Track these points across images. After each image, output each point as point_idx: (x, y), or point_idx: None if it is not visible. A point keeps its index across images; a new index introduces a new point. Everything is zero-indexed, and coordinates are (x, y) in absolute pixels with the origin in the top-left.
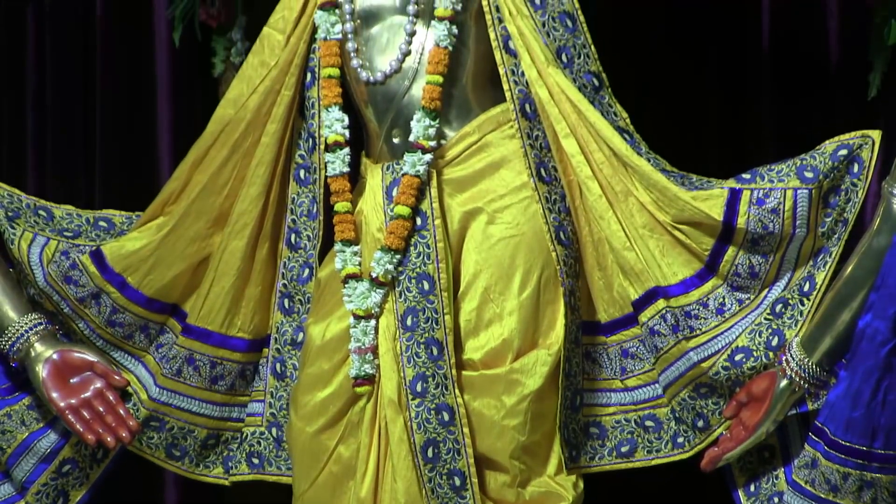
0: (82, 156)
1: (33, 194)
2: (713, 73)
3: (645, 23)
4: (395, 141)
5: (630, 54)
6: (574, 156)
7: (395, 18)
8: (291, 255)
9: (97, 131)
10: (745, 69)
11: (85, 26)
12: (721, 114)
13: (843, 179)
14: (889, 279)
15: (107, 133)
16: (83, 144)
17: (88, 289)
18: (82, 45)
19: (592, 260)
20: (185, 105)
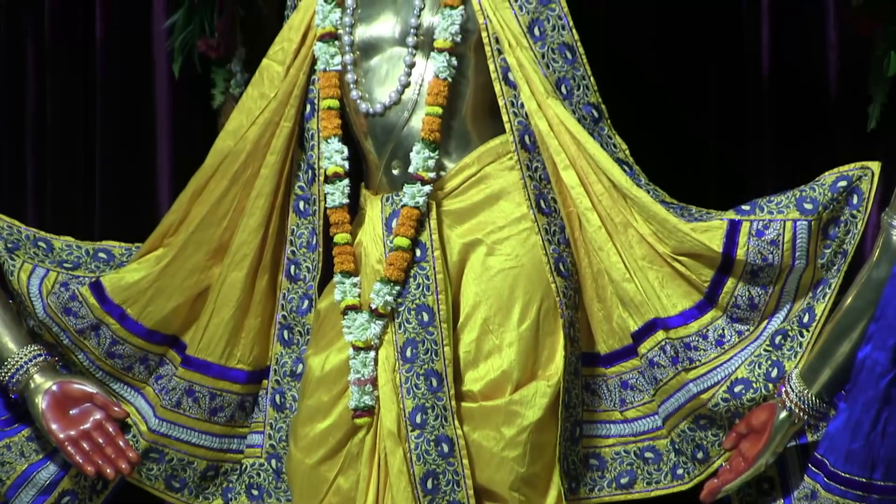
0: (82, 187)
1: (33, 225)
2: (713, 104)
3: (644, 54)
4: (394, 172)
5: (629, 85)
6: (573, 187)
7: (394, 50)
8: (291, 286)
9: (97, 162)
10: (744, 100)
11: (85, 58)
12: (721, 145)
13: (842, 211)
14: (888, 310)
15: (107, 164)
16: (83, 175)
17: (88, 320)
18: (82, 76)
19: (592, 291)
20: (185, 136)
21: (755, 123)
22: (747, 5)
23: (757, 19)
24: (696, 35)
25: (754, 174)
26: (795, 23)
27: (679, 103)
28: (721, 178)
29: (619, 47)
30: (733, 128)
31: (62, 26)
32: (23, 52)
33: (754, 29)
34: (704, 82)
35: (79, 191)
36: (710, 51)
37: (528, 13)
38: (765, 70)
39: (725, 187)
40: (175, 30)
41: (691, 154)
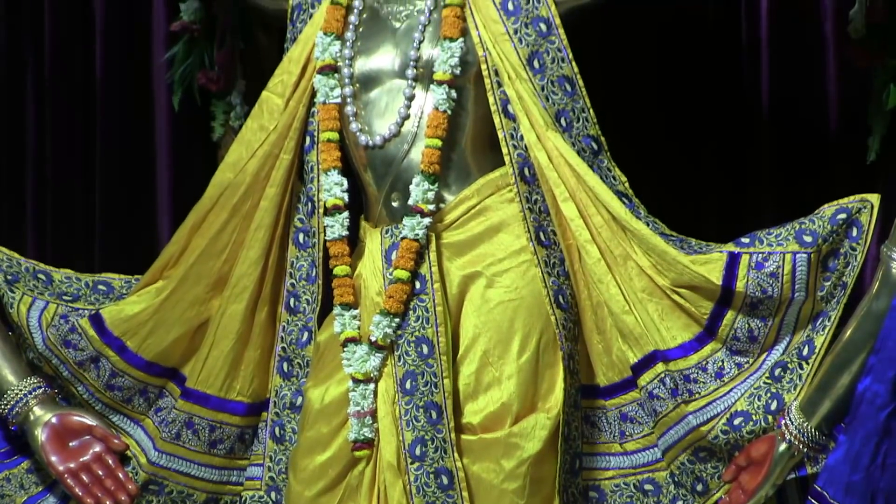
0: (82, 218)
1: (32, 258)
2: (712, 136)
3: (644, 86)
4: (394, 205)
5: (629, 118)
6: (573, 220)
7: (394, 82)
8: (290, 318)
9: (97, 194)
10: (744, 132)
11: (84, 90)
12: (720, 177)
13: (842, 243)
14: (888, 342)
15: (106, 196)
16: (83, 207)
17: (87, 352)
18: (82, 109)
19: (591, 324)
20: (185, 169)
21: (755, 156)
22: (747, 38)
23: (757, 52)
24: (696, 67)
25: (754, 206)
26: (795, 55)
27: (679, 135)
28: (720, 210)
29: (619, 79)
30: (733, 160)
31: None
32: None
33: (754, 61)
34: (704, 114)
35: (79, 223)
36: (709, 83)
37: (527, 46)
38: (764, 102)
39: (725, 219)
40: (175, 62)
41: (691, 186)
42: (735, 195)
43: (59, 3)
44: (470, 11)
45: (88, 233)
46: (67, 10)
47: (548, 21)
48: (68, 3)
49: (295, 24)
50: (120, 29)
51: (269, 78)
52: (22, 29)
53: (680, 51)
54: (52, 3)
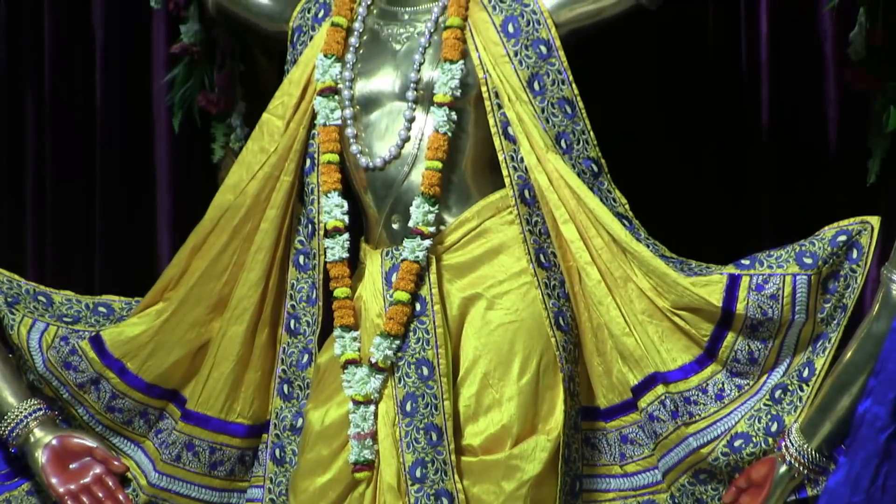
0: (82, 240)
1: (32, 279)
2: (713, 159)
3: (644, 108)
4: (394, 227)
5: (629, 140)
6: (573, 241)
7: (394, 104)
8: (291, 340)
9: (96, 216)
10: (744, 155)
11: (85, 113)
12: (720, 200)
13: (842, 265)
14: (888, 364)
15: (106, 218)
16: (83, 229)
17: (88, 374)
18: (82, 131)
19: (591, 346)
20: (185, 191)
21: (755, 178)
22: (747, 61)
23: (756, 75)
24: (696, 90)
25: (754, 228)
26: (795, 78)
27: (679, 158)
28: (721, 232)
29: (620, 102)
30: (733, 182)
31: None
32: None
33: (754, 84)
34: (704, 137)
35: (79, 244)
36: (709, 106)
37: (527, 68)
38: (764, 124)
39: (725, 242)
40: (175, 84)
41: (691, 208)
42: (735, 217)
43: (58, 26)
44: (470, 33)
45: (89, 254)
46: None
47: (548, 43)
48: (68, 26)
49: (295, 47)
50: (120, 51)
51: (269, 100)
52: (22, 52)
53: (680, 73)
54: (52, 26)
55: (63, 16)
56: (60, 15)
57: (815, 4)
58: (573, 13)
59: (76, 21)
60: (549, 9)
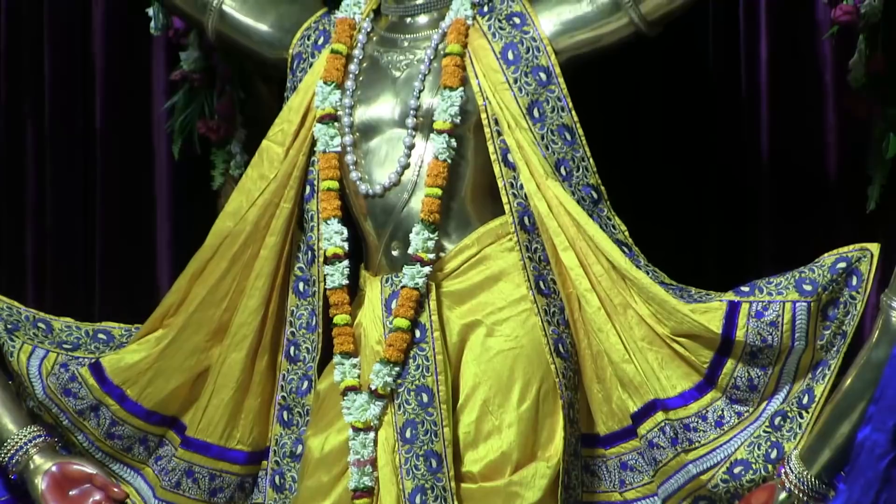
0: (82, 267)
1: (32, 306)
2: (712, 186)
3: (644, 136)
4: (394, 253)
5: (629, 167)
6: (573, 268)
7: (393, 131)
8: (290, 367)
9: (97, 243)
10: (744, 182)
11: (85, 139)
12: (720, 226)
13: (841, 292)
14: (888, 391)
15: (106, 245)
16: (83, 256)
17: (87, 401)
18: (82, 157)
19: (591, 372)
20: (185, 217)
21: (754, 205)
22: (747, 87)
23: (756, 101)
24: (696, 117)
25: (753, 256)
26: (794, 105)
27: (678, 184)
28: (721, 259)
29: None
30: (733, 209)
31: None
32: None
33: (754, 111)
34: (704, 164)
35: (79, 271)
36: (709, 132)
37: (527, 95)
38: (764, 152)
39: (725, 269)
40: (175, 111)
41: (691, 236)
42: (735, 244)
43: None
44: (470, 60)
45: (88, 281)
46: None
47: (548, 70)
48: (68, 54)
49: (295, 73)
50: (120, 78)
51: (269, 127)
52: (22, 78)
53: (680, 101)
54: (52, 54)
55: (63, 42)
56: (60, 42)
57: (815, 31)
58: (573, 40)
59: (76, 48)
60: (549, 36)
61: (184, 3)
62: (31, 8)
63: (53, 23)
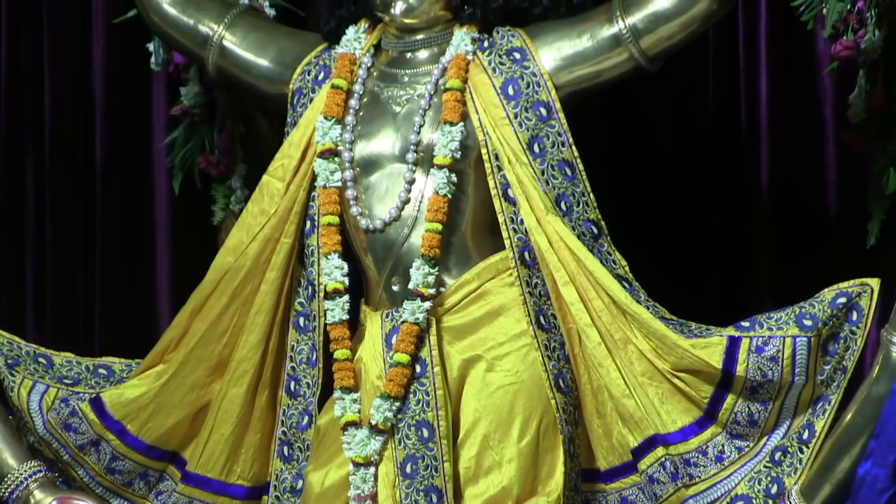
0: (82, 302)
1: (33, 341)
2: (713, 221)
3: (644, 171)
4: (394, 288)
5: (629, 203)
6: (573, 303)
7: (394, 166)
8: (291, 402)
9: (97, 278)
10: (744, 217)
11: (85, 174)
12: (720, 261)
13: (841, 327)
14: (888, 426)
15: (106, 280)
16: (83, 290)
17: (88, 436)
18: (83, 192)
19: (591, 407)
20: (185, 253)
21: (755, 240)
22: (747, 122)
23: (756, 137)
24: (696, 153)
25: (754, 290)
26: (794, 141)
27: (679, 219)
28: (721, 294)
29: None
30: (733, 244)
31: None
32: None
33: (754, 146)
34: (704, 199)
35: (79, 307)
36: (709, 168)
37: (527, 130)
38: (764, 187)
39: (725, 304)
40: (175, 146)
41: (691, 270)
42: (735, 279)
43: (58, 89)
44: (470, 96)
45: (89, 316)
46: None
47: (548, 105)
48: (69, 89)
49: (295, 109)
50: (120, 113)
51: (269, 162)
52: (22, 115)
53: (680, 137)
54: (52, 89)
55: (63, 77)
56: (60, 76)
57: (815, 66)
58: (573, 75)
59: (76, 83)
60: (549, 71)
61: (184, 39)
62: (31, 42)
63: (54, 57)
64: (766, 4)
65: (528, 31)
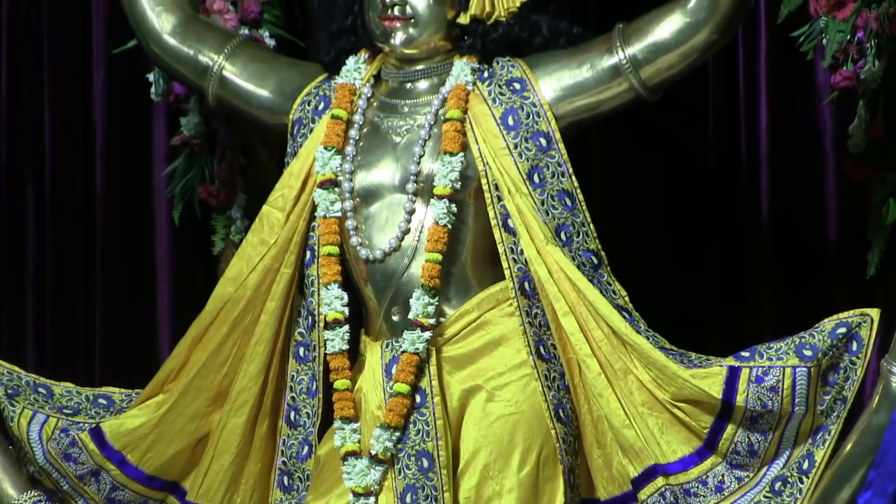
0: (82, 332)
1: (33, 371)
2: (713, 251)
3: (645, 201)
4: (394, 318)
5: (629, 232)
6: (573, 334)
7: (394, 197)
8: (291, 432)
9: (97, 309)
10: (744, 246)
11: (85, 204)
12: (720, 291)
13: (841, 357)
14: (888, 457)
15: (107, 310)
16: (83, 321)
17: (88, 466)
18: (83, 222)
19: (591, 437)
20: (185, 283)
21: (755, 270)
22: (747, 153)
23: (756, 167)
24: (697, 183)
25: (754, 320)
26: (794, 171)
27: (679, 249)
28: (721, 324)
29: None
30: (733, 274)
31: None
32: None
33: (754, 176)
34: (705, 229)
35: (79, 337)
36: (710, 199)
37: (527, 160)
38: (764, 217)
39: (725, 333)
40: (176, 177)
41: (691, 300)
42: (735, 309)
43: (59, 119)
44: (470, 126)
45: (89, 346)
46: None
47: (548, 136)
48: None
49: (295, 139)
50: (120, 143)
51: (269, 192)
52: (23, 144)
53: (680, 166)
54: (53, 119)
55: (64, 107)
56: (61, 106)
57: (815, 97)
58: (573, 105)
59: (77, 113)
60: (549, 101)
61: (185, 69)
62: (31, 72)
63: (54, 87)
64: (766, 35)
65: (528, 62)
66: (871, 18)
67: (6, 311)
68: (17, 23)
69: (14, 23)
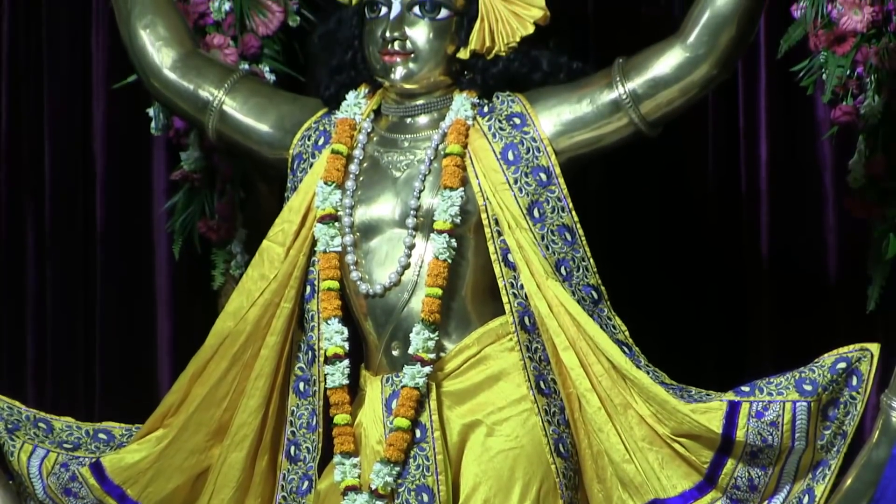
0: (82, 366)
1: (33, 406)
2: (713, 285)
3: (645, 236)
4: (394, 353)
5: (628, 267)
6: (573, 368)
7: (394, 231)
8: (291, 466)
9: (97, 343)
10: (744, 281)
11: (85, 239)
12: (720, 326)
13: (841, 392)
14: (888, 492)
15: (107, 345)
16: (83, 356)
17: (88, 501)
18: (83, 256)
19: (592, 472)
20: (185, 318)
21: (755, 305)
22: (747, 188)
23: (756, 202)
24: (696, 218)
25: (754, 355)
26: (794, 206)
27: (679, 284)
28: (720, 358)
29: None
30: (733, 309)
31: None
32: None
33: (753, 211)
34: (704, 264)
35: (79, 372)
36: (709, 233)
37: (527, 195)
38: (764, 252)
39: (725, 368)
40: (175, 211)
41: (691, 335)
42: (735, 344)
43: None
44: (470, 161)
45: (89, 380)
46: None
47: (548, 171)
48: (69, 153)
49: (295, 174)
50: (120, 178)
51: (269, 227)
52: (22, 179)
53: (680, 201)
54: (52, 154)
55: (63, 142)
56: (61, 141)
57: (815, 132)
58: (573, 140)
59: (76, 147)
60: (549, 136)
61: (185, 104)
62: (31, 106)
63: (54, 122)
64: (765, 70)
65: (528, 97)
66: (871, 53)
67: (6, 346)
68: (17, 57)
69: (14, 57)
